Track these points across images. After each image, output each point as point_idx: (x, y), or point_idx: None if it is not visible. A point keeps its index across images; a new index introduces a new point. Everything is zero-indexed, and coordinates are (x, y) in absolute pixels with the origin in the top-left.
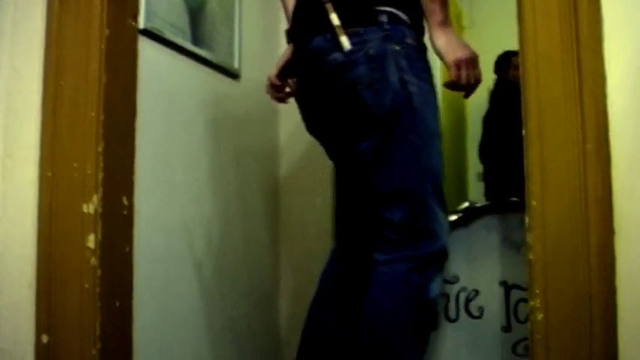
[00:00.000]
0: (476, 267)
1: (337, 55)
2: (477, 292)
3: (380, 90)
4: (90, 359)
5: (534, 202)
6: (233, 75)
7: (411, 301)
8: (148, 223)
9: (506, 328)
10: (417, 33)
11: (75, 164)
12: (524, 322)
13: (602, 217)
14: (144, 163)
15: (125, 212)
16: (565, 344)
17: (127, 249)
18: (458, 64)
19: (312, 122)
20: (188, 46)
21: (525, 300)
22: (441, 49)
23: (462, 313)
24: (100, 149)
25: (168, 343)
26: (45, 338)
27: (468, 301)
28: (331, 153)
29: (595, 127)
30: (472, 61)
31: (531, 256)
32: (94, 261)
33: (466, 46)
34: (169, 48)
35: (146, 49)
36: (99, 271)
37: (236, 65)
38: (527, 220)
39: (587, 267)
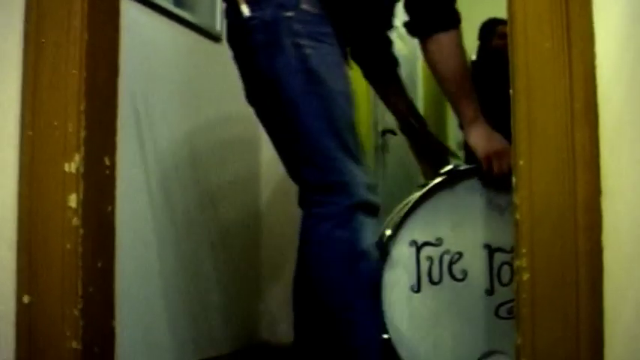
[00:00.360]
0: (460, 230)
1: (240, 22)
2: (460, 254)
3: (273, 54)
4: (72, 319)
5: (521, 162)
6: (215, 38)
7: (341, 257)
8: (130, 184)
9: (490, 291)
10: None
11: (56, 123)
12: (507, 285)
13: (590, 176)
14: (125, 123)
15: (107, 172)
16: (551, 304)
17: (109, 209)
18: (487, 158)
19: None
20: (169, 6)
21: (509, 263)
22: (473, 145)
23: (446, 275)
24: (81, 108)
25: (150, 303)
26: (26, 299)
27: (451, 264)
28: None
29: (583, 87)
30: (500, 153)
31: (518, 216)
32: (76, 221)
33: (495, 139)
34: (150, 8)
35: (126, 8)
36: (81, 231)
37: (218, 28)
38: (514, 179)
39: (573, 226)
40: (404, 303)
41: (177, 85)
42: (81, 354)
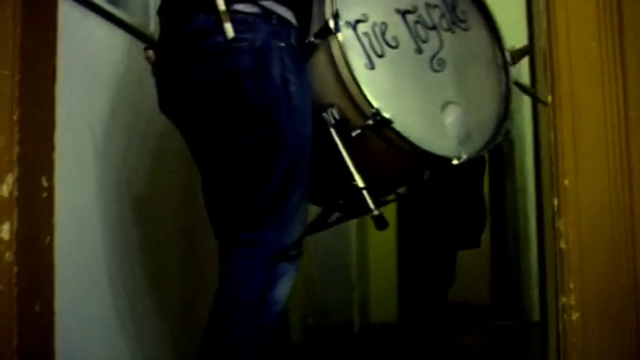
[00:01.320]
0: (374, 3)
1: (220, 39)
2: (385, 24)
3: (262, 83)
4: None
5: (567, 182)
6: (149, 40)
7: (250, 302)
8: (68, 208)
9: (418, 50)
10: (302, 35)
11: None
12: (426, 41)
13: None
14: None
15: (45, 195)
16: (606, 349)
17: (48, 240)
18: None
19: (174, 102)
20: (101, 3)
21: (418, 22)
22: None
23: (385, 47)
24: (14, 117)
25: (92, 352)
26: None
27: (383, 34)
28: (192, 139)
29: (639, 91)
30: None
31: (563, 245)
32: (9, 256)
33: None
34: (82, 5)
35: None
36: (15, 269)
37: (152, 29)
38: (556, 202)
39: (632, 256)
40: (370, 82)
41: (116, 92)
42: None
